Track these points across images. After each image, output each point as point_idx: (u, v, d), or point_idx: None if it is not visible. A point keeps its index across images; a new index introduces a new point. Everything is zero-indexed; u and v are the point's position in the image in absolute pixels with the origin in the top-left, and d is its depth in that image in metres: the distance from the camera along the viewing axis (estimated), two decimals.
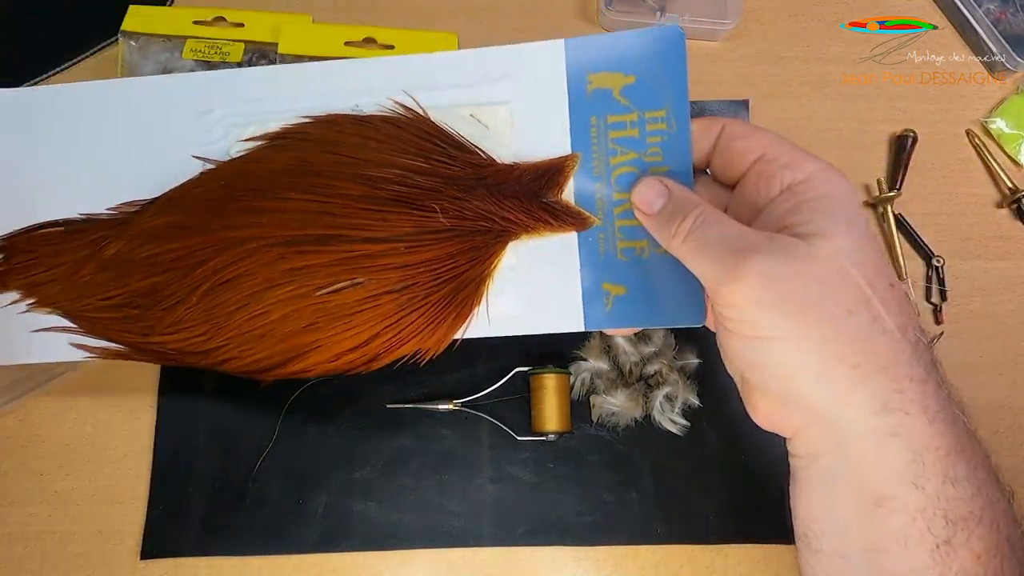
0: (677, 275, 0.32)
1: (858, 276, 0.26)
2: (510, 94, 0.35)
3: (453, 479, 0.42)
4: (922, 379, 0.26)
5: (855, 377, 0.26)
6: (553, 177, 0.34)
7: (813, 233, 0.27)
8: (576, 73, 0.34)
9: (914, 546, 0.26)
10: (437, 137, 0.35)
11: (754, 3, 0.54)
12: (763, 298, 0.26)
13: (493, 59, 0.35)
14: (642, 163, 0.33)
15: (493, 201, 0.33)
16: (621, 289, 0.34)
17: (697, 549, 0.42)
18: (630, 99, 0.33)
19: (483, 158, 0.34)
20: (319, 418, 0.43)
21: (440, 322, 0.34)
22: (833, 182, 0.29)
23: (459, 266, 0.34)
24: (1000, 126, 0.51)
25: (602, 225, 0.34)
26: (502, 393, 0.43)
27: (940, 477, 0.26)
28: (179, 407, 0.43)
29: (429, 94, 0.35)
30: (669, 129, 0.33)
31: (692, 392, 0.43)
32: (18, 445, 0.42)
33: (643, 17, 0.51)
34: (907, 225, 0.48)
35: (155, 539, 0.40)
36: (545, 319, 0.34)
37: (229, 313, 0.34)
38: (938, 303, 0.47)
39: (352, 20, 0.52)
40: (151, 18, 0.49)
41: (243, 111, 0.36)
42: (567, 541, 0.41)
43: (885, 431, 0.26)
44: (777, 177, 0.29)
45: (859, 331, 0.26)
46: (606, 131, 0.34)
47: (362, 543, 0.41)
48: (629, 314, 0.34)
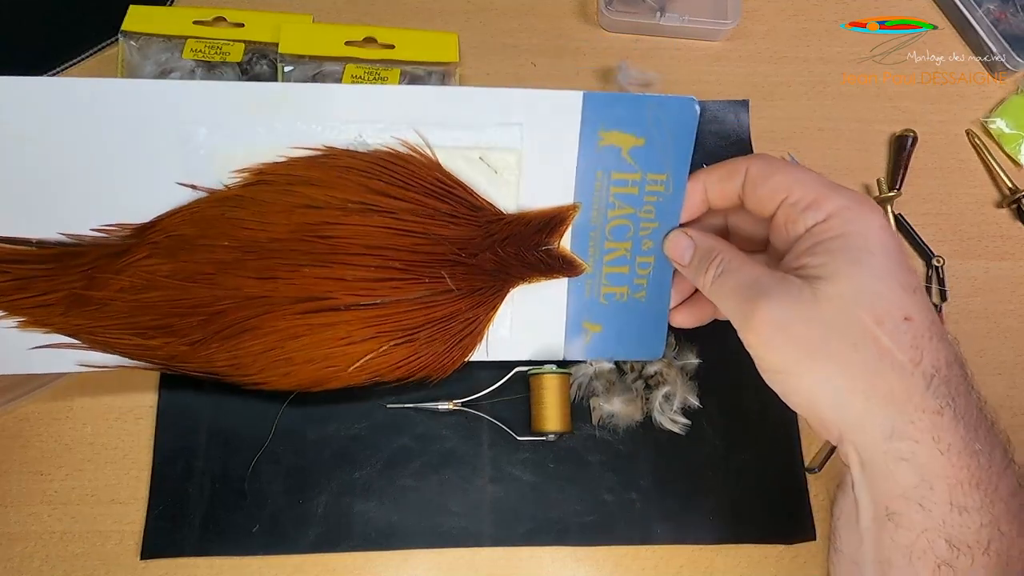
0: (644, 317, 0.38)
1: (863, 314, 0.28)
2: (522, 141, 0.35)
3: (453, 479, 0.42)
4: (936, 411, 0.27)
5: (865, 408, 0.27)
6: (555, 226, 0.36)
7: (819, 276, 0.29)
8: (589, 127, 0.34)
9: (917, 562, 0.27)
10: (447, 186, 0.35)
11: (754, 3, 0.54)
12: (772, 341, 0.29)
13: (509, 102, 0.34)
14: (636, 218, 0.36)
15: (500, 262, 0.36)
16: (597, 327, 0.39)
17: (697, 549, 0.42)
18: (636, 160, 0.35)
19: (492, 213, 0.35)
20: (319, 418, 0.43)
21: (447, 358, 0.37)
22: (853, 221, 0.29)
23: (465, 315, 0.36)
24: (1000, 126, 0.51)
25: (591, 272, 0.37)
26: (502, 393, 0.43)
27: (946, 504, 0.27)
28: (179, 407, 0.43)
29: (439, 131, 0.34)
30: (666, 192, 0.35)
31: (692, 392, 0.43)
32: (18, 445, 0.42)
33: (643, 17, 0.51)
34: (907, 225, 0.48)
35: (155, 539, 0.40)
36: (531, 348, 0.39)
37: (253, 355, 0.36)
38: (938, 303, 0.47)
39: (352, 20, 0.52)
40: (151, 18, 0.49)
41: (233, 130, 0.33)
42: (567, 541, 0.41)
43: (895, 455, 0.27)
44: (800, 220, 0.31)
45: (866, 365, 0.27)
46: (608, 186, 0.35)
47: (362, 543, 0.41)
48: (601, 348, 0.40)
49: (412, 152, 0.34)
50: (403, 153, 0.34)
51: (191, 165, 0.34)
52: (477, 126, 0.35)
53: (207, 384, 0.44)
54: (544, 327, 0.39)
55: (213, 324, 0.35)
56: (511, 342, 0.39)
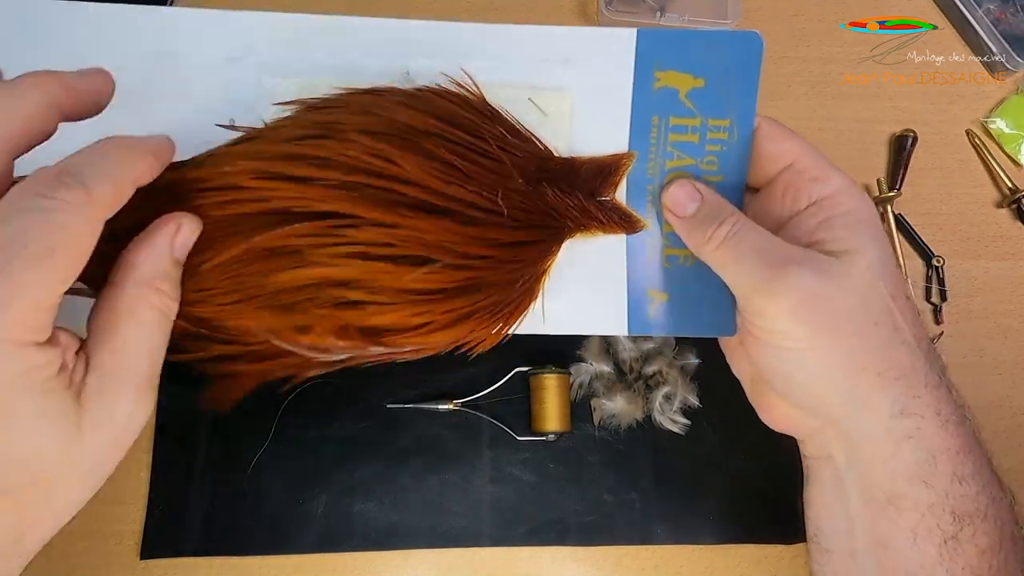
0: (715, 285, 0.32)
1: (884, 289, 0.28)
2: (573, 81, 0.33)
3: (453, 479, 0.42)
4: (936, 385, 0.28)
5: (877, 385, 0.27)
6: (609, 175, 0.33)
7: (845, 250, 0.28)
8: (644, 67, 0.32)
9: (923, 541, 0.27)
10: (497, 120, 0.32)
11: (754, 3, 0.54)
12: (798, 312, 0.27)
13: (559, 38, 0.32)
14: (697, 170, 0.33)
15: (556, 198, 0.32)
16: (663, 296, 0.34)
17: (697, 549, 0.42)
18: (695, 103, 0.32)
19: (543, 149, 0.32)
20: (319, 418, 0.43)
21: (497, 315, 0.32)
22: (857, 198, 0.30)
23: (522, 257, 0.31)
24: (1000, 126, 0.51)
25: (650, 229, 0.33)
26: (502, 393, 0.43)
27: (948, 475, 0.27)
28: (179, 407, 0.43)
29: (486, 66, 0.32)
30: (730, 139, 0.32)
31: (691, 392, 0.43)
32: None
33: (643, 17, 0.51)
34: (907, 225, 0.48)
35: (155, 539, 0.40)
36: (589, 321, 0.34)
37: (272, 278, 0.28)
38: (938, 303, 0.47)
39: None
40: None
41: (280, 60, 0.32)
42: (567, 541, 0.41)
43: (901, 433, 0.27)
44: (805, 190, 0.30)
45: (882, 341, 0.27)
46: (666, 133, 0.33)
47: (362, 543, 0.41)
48: (669, 322, 0.34)
49: (460, 87, 0.31)
50: (450, 90, 0.31)
51: (232, 89, 0.32)
52: (525, 64, 0.33)
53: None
54: (602, 298, 0.34)
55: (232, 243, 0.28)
56: (567, 314, 0.34)
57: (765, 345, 0.29)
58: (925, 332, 0.29)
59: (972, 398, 0.45)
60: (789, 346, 0.28)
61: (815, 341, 0.27)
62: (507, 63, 0.32)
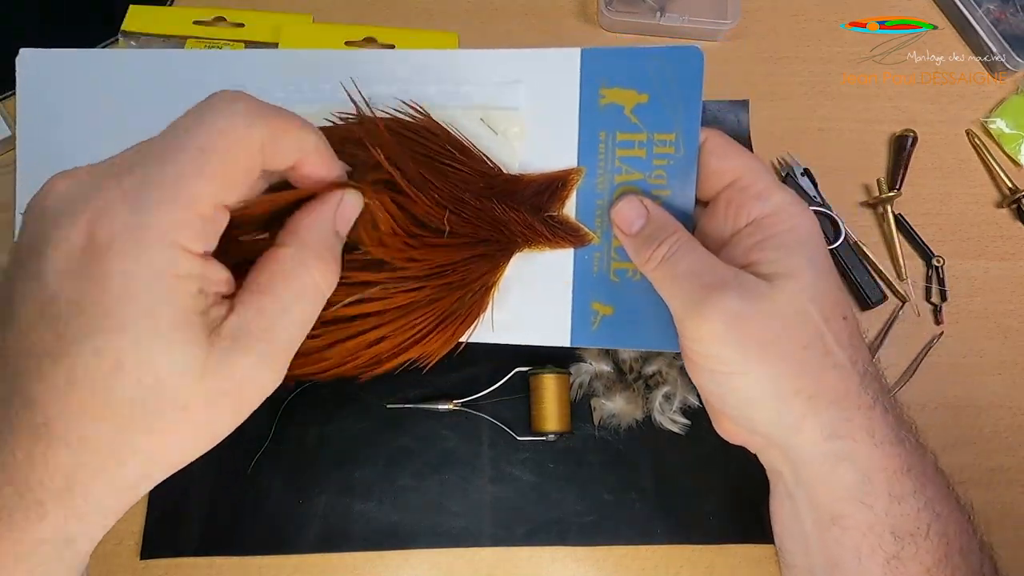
0: (661, 300, 0.32)
1: (815, 313, 0.28)
2: (522, 101, 0.34)
3: (453, 479, 0.42)
4: (869, 406, 0.28)
5: (809, 408, 0.27)
6: (557, 190, 0.34)
7: (777, 273, 0.28)
8: (590, 84, 0.33)
9: (868, 560, 0.27)
10: (445, 141, 0.33)
11: (754, 3, 0.54)
12: (725, 336, 0.27)
13: (507, 62, 0.34)
14: (646, 184, 0.33)
15: (503, 212, 0.32)
16: (608, 309, 0.34)
17: (697, 549, 0.42)
18: (641, 119, 0.33)
19: (491, 166, 0.34)
20: (319, 418, 0.43)
21: (446, 327, 0.33)
22: (797, 216, 0.30)
23: (470, 272, 0.33)
24: (1000, 126, 0.51)
25: (599, 243, 0.34)
26: (502, 393, 0.43)
27: (886, 496, 0.27)
28: None
29: (439, 91, 0.34)
30: (676, 154, 0.33)
31: (691, 392, 0.43)
32: None
33: (643, 17, 0.51)
34: (907, 225, 0.48)
35: (155, 539, 0.40)
36: (533, 332, 0.35)
37: None
38: (938, 303, 0.47)
39: (352, 20, 0.52)
40: (151, 18, 0.49)
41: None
42: (567, 541, 0.41)
43: (835, 455, 0.27)
44: (746, 208, 0.30)
45: (812, 365, 0.27)
46: (614, 148, 0.33)
47: (362, 543, 0.41)
48: (612, 335, 0.34)
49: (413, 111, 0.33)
50: (403, 115, 0.33)
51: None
52: (476, 86, 0.34)
53: None
54: (549, 308, 0.35)
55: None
56: (516, 324, 0.35)
57: (700, 368, 0.29)
58: (865, 353, 0.29)
59: (972, 398, 0.46)
60: (722, 369, 0.28)
61: (744, 365, 0.28)
62: (460, 87, 0.34)
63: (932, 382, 0.45)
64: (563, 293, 0.34)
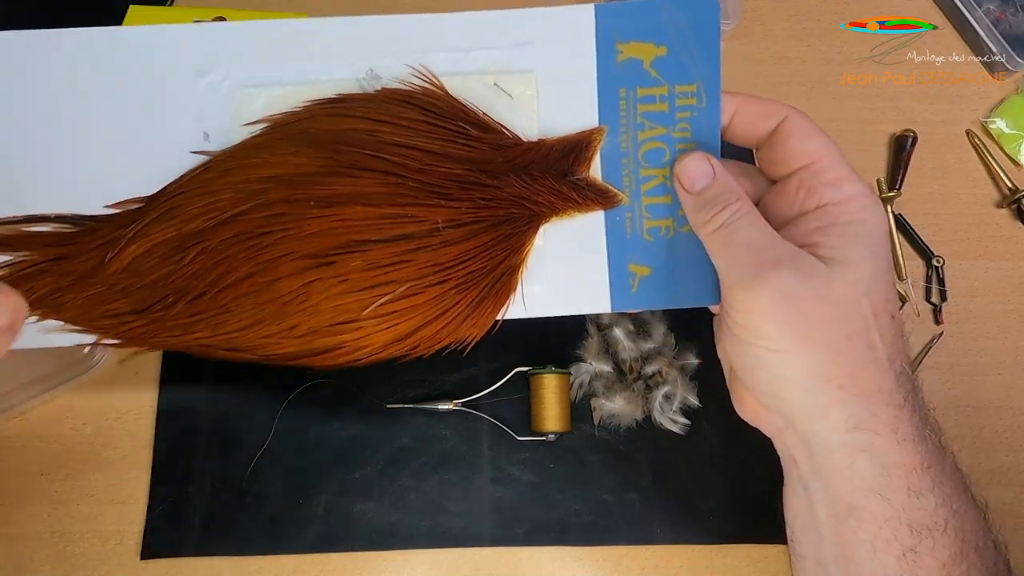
0: (697, 255, 0.32)
1: (867, 306, 0.28)
2: (536, 61, 0.33)
3: (453, 479, 0.42)
4: (898, 405, 0.28)
5: (838, 398, 0.27)
6: (580, 152, 0.33)
7: (837, 259, 0.28)
8: (606, 41, 0.32)
9: (882, 553, 0.27)
10: (459, 116, 0.32)
11: (754, 3, 0.54)
12: (773, 313, 0.27)
13: (518, 22, 0.32)
14: (670, 139, 0.32)
15: (523, 186, 0.32)
16: (646, 270, 0.34)
17: (697, 549, 0.42)
18: (661, 72, 0.32)
19: (509, 138, 0.33)
20: (319, 418, 0.43)
21: (478, 313, 0.33)
22: (868, 209, 0.29)
23: (493, 256, 0.32)
24: (1000, 126, 0.51)
25: (629, 204, 0.33)
26: (502, 393, 0.43)
27: (904, 490, 0.27)
28: (179, 407, 0.43)
29: (450, 58, 0.33)
30: (699, 105, 0.32)
31: (691, 392, 0.43)
32: (18, 445, 0.42)
33: None
34: (907, 225, 0.48)
35: (155, 539, 0.40)
36: (573, 301, 0.34)
37: (275, 310, 0.32)
38: (938, 303, 0.47)
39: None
40: (151, 18, 0.49)
41: (246, 75, 0.32)
42: (567, 541, 0.41)
43: (855, 446, 0.27)
44: (817, 192, 0.30)
45: (853, 357, 0.27)
46: (635, 104, 0.33)
47: (362, 543, 0.41)
48: (653, 296, 0.34)
49: (424, 81, 0.32)
50: (412, 89, 0.32)
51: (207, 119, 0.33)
52: (488, 51, 0.33)
53: (207, 383, 0.44)
54: (586, 275, 0.34)
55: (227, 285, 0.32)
56: (550, 296, 0.34)
57: (737, 339, 0.29)
58: (904, 355, 0.29)
59: (972, 398, 0.46)
60: (761, 344, 0.28)
61: (784, 343, 0.27)
62: (470, 52, 0.33)
63: (932, 382, 0.45)
64: (598, 258, 0.34)
